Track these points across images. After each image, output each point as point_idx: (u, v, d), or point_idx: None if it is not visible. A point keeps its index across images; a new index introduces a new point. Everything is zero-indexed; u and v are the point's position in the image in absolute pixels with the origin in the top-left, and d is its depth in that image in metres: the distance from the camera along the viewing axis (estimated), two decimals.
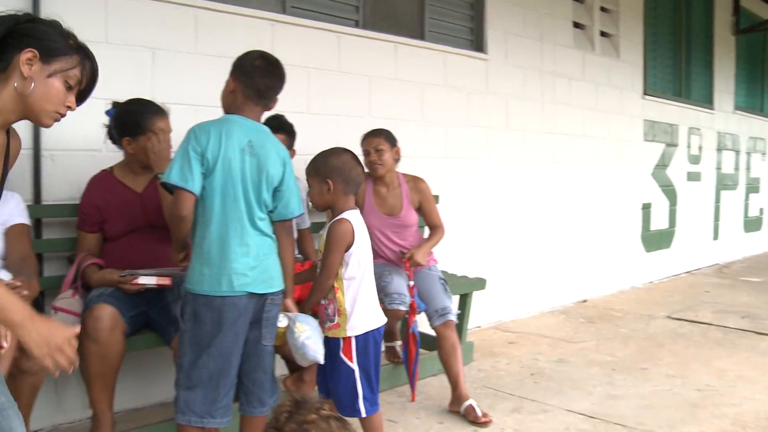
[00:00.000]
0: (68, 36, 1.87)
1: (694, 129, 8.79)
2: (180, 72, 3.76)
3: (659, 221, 8.09)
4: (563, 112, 6.42)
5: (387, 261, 4.01)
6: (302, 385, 3.51)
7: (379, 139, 3.94)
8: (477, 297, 4.74)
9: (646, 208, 7.82)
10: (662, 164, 8.11)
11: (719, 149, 9.53)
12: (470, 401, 3.69)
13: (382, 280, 3.84)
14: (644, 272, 7.83)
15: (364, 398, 2.92)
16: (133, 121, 3.11)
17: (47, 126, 1.87)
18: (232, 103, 2.70)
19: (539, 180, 6.19)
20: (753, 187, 10.70)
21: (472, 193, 5.51)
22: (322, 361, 2.89)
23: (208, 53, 3.83)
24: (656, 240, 8.03)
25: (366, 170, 3.98)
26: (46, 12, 3.09)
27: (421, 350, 3.92)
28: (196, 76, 3.79)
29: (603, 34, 7.08)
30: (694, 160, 8.85)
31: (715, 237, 9.55)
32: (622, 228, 7.42)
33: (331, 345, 2.92)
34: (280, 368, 3.73)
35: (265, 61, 2.75)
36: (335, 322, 2.90)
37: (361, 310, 2.93)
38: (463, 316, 4.46)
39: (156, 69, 3.66)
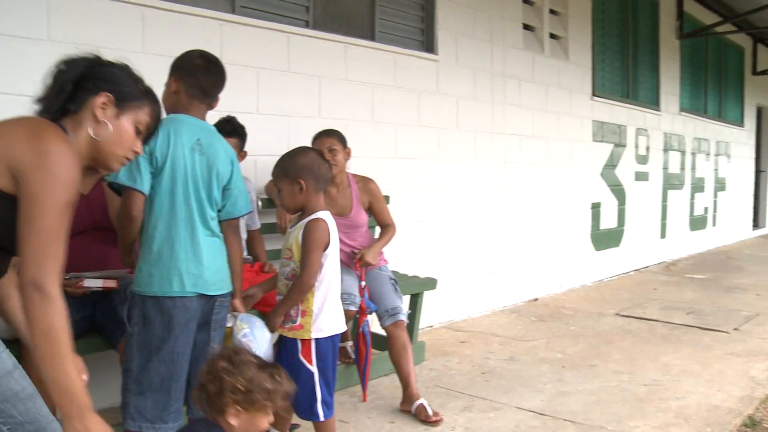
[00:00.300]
0: (138, 80, 1.90)
1: (642, 130, 8.96)
2: None
3: (608, 220, 8.23)
4: (513, 112, 6.49)
5: None
6: None
7: (332, 139, 3.93)
8: (428, 297, 4.76)
9: (596, 207, 7.94)
10: (611, 164, 8.25)
11: (666, 150, 9.74)
12: (421, 400, 3.70)
13: None
14: (594, 271, 7.96)
15: (323, 402, 2.90)
16: None
17: (114, 170, 1.89)
18: (176, 103, 2.67)
19: (490, 180, 6.25)
20: (698, 186, 10.96)
21: (422, 193, 5.54)
22: (270, 359, 2.87)
23: (156, 53, 3.76)
24: (606, 239, 8.17)
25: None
26: None
27: (373, 350, 3.92)
28: (143, 77, 3.73)
29: (552, 36, 7.17)
30: (642, 160, 9.02)
31: (663, 235, 9.76)
32: (572, 227, 7.53)
33: (288, 346, 2.89)
34: None
35: (205, 59, 2.74)
36: (297, 323, 2.85)
37: (329, 312, 2.91)
38: (414, 315, 4.48)
39: None
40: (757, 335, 5.48)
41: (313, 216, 2.87)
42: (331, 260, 2.92)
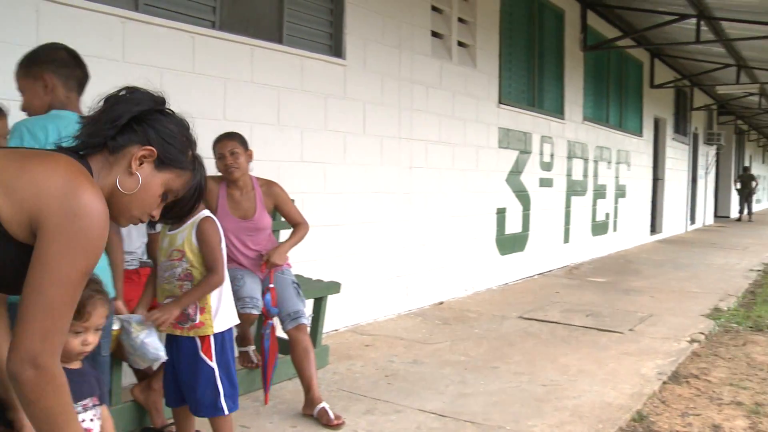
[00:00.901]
0: (192, 145, 1.71)
1: (547, 137, 9.22)
2: None
3: (513, 225, 8.42)
4: (420, 118, 6.57)
5: (239, 265, 3.97)
6: (151, 393, 3.43)
7: (233, 142, 3.90)
8: (333, 300, 4.76)
9: (501, 212, 8.12)
10: (516, 170, 8.45)
11: (569, 157, 10.05)
12: (323, 404, 3.71)
13: (235, 284, 3.81)
14: (499, 274, 8.13)
15: (226, 396, 2.93)
16: None
17: (121, 226, 1.68)
18: (54, 99, 2.59)
19: (396, 185, 6.30)
20: (600, 193, 11.36)
21: (328, 197, 5.53)
22: (164, 358, 2.85)
23: None
24: (510, 243, 8.36)
25: (219, 174, 3.96)
26: None
27: (277, 354, 3.91)
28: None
29: (460, 44, 7.29)
30: (546, 167, 9.28)
31: (566, 240, 10.06)
32: (477, 232, 7.66)
33: (186, 345, 2.89)
34: (130, 377, 3.62)
35: (69, 52, 2.68)
36: (198, 321, 2.89)
37: (224, 308, 2.96)
38: (317, 319, 4.48)
39: None
40: (649, 335, 5.71)
41: (202, 215, 2.91)
42: (224, 256, 2.99)
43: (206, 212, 2.94)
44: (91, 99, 1.68)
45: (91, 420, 1.97)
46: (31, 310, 1.38)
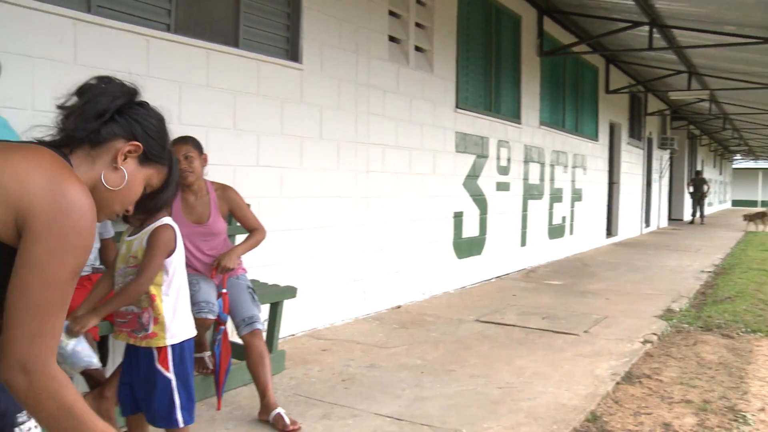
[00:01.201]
0: (169, 139, 1.68)
1: (503, 142, 9.30)
2: None
3: (470, 229, 8.48)
4: (377, 123, 6.58)
5: (195, 270, 3.94)
6: (103, 401, 3.37)
7: (188, 146, 3.87)
8: (290, 305, 4.75)
9: (458, 216, 8.17)
10: (473, 174, 8.50)
11: (526, 161, 10.15)
12: (279, 410, 3.69)
13: (190, 288, 3.78)
14: (456, 278, 8.17)
15: (182, 408, 2.88)
16: None
17: (98, 222, 1.54)
18: None
19: (353, 189, 6.30)
20: (556, 197, 11.50)
21: (285, 201, 5.51)
22: (98, 364, 2.82)
23: (4, 50, 3.56)
24: (468, 247, 8.41)
25: None
26: None
27: (233, 360, 3.89)
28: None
29: (418, 49, 7.32)
30: (503, 171, 9.36)
31: (523, 243, 10.16)
32: (435, 236, 7.70)
33: (143, 356, 2.86)
34: (82, 386, 3.56)
35: None
36: (150, 331, 2.84)
37: (181, 318, 2.90)
38: (273, 324, 4.46)
39: None
40: (603, 337, 5.80)
41: (160, 222, 2.85)
42: (179, 266, 2.91)
43: (166, 219, 2.89)
44: (42, 102, 1.65)
45: (36, 427, 1.93)
46: (19, 314, 1.31)
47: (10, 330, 1.31)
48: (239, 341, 3.94)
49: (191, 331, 2.98)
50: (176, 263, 2.90)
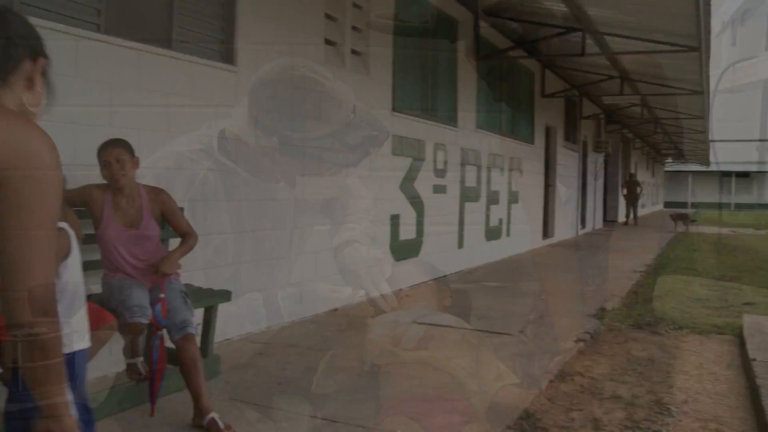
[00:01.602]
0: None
1: (440, 145, 9.37)
2: None
3: (407, 232, 8.52)
4: (313, 125, 6.55)
5: (126, 275, 3.88)
6: None
7: (119, 149, 3.82)
8: (226, 309, 4.70)
9: (395, 219, 8.20)
10: (410, 177, 8.55)
11: (463, 164, 10.25)
12: (212, 414, 3.65)
13: (122, 293, 3.75)
14: (394, 281, 8.18)
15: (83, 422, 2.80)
16: None
17: None
18: None
19: (290, 192, 6.26)
20: (493, 199, 11.64)
21: (221, 204, 5.45)
22: None
23: None
24: (405, 249, 8.45)
25: (105, 182, 3.85)
26: None
27: (168, 365, 3.84)
28: None
29: (354, 51, 7.33)
30: (440, 174, 9.43)
31: (460, 245, 10.25)
32: (372, 238, 7.71)
33: None
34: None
35: None
36: None
37: (73, 327, 2.81)
38: (208, 328, 4.41)
39: None
40: (538, 336, 5.90)
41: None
42: (73, 271, 2.81)
43: (61, 225, 2.78)
44: None
45: None
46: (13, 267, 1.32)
47: (8, 293, 1.33)
48: (172, 346, 3.88)
49: (84, 342, 2.89)
50: (71, 268, 2.80)
